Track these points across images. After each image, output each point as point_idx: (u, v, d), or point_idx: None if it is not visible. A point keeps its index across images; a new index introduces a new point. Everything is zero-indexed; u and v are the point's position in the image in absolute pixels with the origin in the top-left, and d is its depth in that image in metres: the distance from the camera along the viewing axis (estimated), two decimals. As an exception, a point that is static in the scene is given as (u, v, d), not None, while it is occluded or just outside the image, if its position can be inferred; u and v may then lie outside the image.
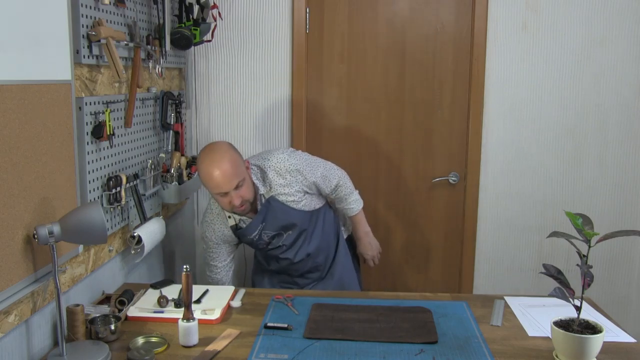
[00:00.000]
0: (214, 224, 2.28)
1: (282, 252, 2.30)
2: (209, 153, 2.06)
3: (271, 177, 2.19)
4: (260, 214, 2.19)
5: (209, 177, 2.02)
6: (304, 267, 2.34)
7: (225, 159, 2.02)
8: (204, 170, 2.04)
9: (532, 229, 3.01)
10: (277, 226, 2.22)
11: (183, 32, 2.38)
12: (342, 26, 2.93)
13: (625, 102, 2.89)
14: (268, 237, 2.24)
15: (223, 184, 2.01)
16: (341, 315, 1.82)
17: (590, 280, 1.51)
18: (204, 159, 2.05)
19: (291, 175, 2.20)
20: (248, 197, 2.10)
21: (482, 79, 2.89)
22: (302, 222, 2.26)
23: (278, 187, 2.19)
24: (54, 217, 1.60)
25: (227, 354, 1.59)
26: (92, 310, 1.78)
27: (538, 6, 2.84)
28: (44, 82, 1.56)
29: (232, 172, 2.01)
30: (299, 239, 2.28)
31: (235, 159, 2.06)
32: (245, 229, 2.22)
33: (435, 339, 1.66)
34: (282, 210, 2.20)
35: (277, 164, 2.20)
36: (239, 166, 2.06)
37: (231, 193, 2.04)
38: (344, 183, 2.38)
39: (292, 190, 2.20)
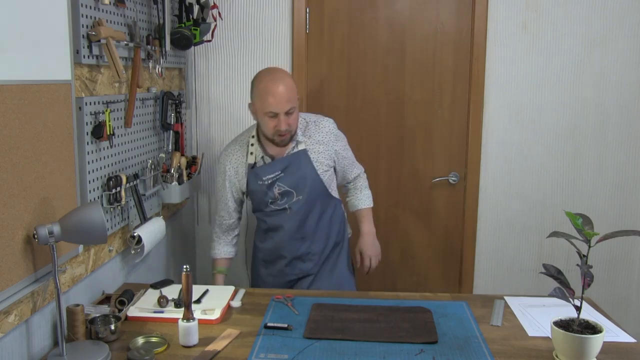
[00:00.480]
0: (233, 154, 2.26)
1: (284, 219, 2.24)
2: (273, 71, 2.13)
3: (312, 130, 2.23)
4: (285, 160, 2.19)
5: (272, 91, 2.04)
6: (298, 249, 2.27)
7: (287, 79, 2.09)
8: (265, 83, 2.06)
9: (532, 229, 3.01)
10: (293, 181, 2.19)
11: (183, 32, 2.38)
12: (342, 26, 2.93)
13: (625, 102, 2.89)
14: (279, 191, 2.20)
15: (281, 102, 2.04)
16: (341, 315, 1.82)
17: (590, 280, 1.51)
18: (266, 75, 2.10)
19: (329, 138, 2.24)
20: (293, 127, 2.12)
21: (482, 79, 2.90)
22: (316, 191, 2.23)
23: (314, 144, 2.22)
24: (54, 217, 1.60)
25: (227, 354, 1.59)
26: (92, 310, 1.78)
27: (538, 6, 2.84)
28: (44, 82, 1.56)
29: (291, 95, 2.06)
30: (305, 210, 2.23)
31: (294, 85, 2.10)
32: (263, 167, 2.20)
33: (435, 339, 1.66)
34: (306, 165, 2.19)
35: (322, 122, 2.26)
36: (295, 93, 2.10)
37: (281, 116, 2.05)
38: (364, 176, 2.45)
39: (324, 153, 2.23)
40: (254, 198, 2.28)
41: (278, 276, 2.34)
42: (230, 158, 2.27)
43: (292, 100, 2.07)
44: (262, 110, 2.08)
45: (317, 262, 2.32)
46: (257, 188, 2.22)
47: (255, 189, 2.23)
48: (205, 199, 3.07)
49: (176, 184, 2.41)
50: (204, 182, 3.04)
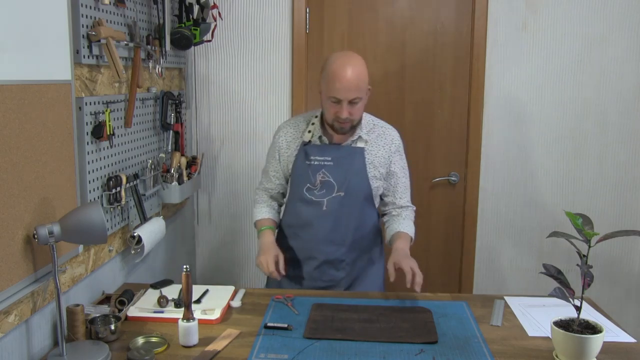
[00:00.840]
0: (290, 127, 2.15)
1: (318, 215, 2.07)
2: (346, 55, 1.99)
3: (377, 133, 2.11)
4: (339, 149, 2.07)
5: (339, 77, 1.92)
6: (332, 253, 2.09)
7: (359, 67, 1.95)
8: (336, 67, 1.94)
9: (532, 229, 3.01)
10: (340, 174, 2.05)
11: (183, 32, 2.38)
12: (342, 26, 2.93)
13: (625, 102, 2.89)
14: (321, 178, 2.05)
15: (346, 89, 1.92)
16: (341, 315, 1.82)
17: (590, 280, 1.51)
18: (339, 58, 1.97)
19: (390, 147, 2.11)
20: (355, 118, 1.99)
21: (482, 79, 2.89)
22: (359, 193, 2.07)
23: (373, 146, 2.09)
24: (54, 217, 1.60)
25: (227, 354, 1.59)
26: (92, 310, 1.78)
27: (538, 6, 2.84)
28: (44, 82, 1.56)
29: (359, 84, 1.93)
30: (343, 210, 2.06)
31: (364, 75, 1.96)
32: (316, 147, 2.07)
33: (435, 339, 1.66)
34: (358, 163, 2.06)
35: (390, 129, 2.14)
36: (364, 83, 1.96)
37: (344, 104, 1.94)
38: (413, 212, 2.22)
39: (381, 159, 2.09)
40: (294, 180, 2.13)
41: (305, 279, 2.16)
42: (286, 130, 2.15)
43: (359, 89, 1.94)
44: (326, 94, 1.97)
45: (350, 273, 2.15)
46: (302, 167, 2.08)
47: (299, 167, 2.09)
48: (206, 199, 3.07)
49: (176, 184, 2.41)
50: (204, 182, 3.04)
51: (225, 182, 3.05)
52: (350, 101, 1.94)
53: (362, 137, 2.08)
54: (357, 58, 1.98)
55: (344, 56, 1.98)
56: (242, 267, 3.14)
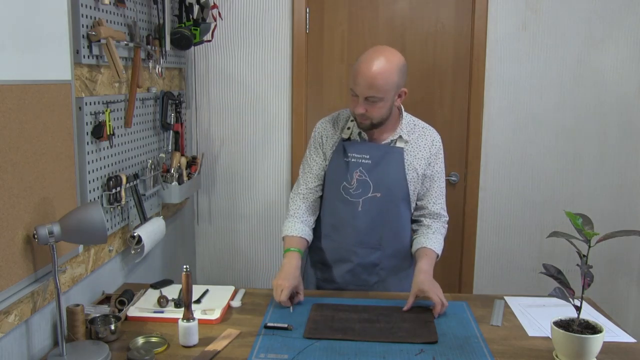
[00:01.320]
0: (329, 123, 2.07)
1: (354, 215, 1.99)
2: (377, 51, 1.87)
3: (417, 134, 2.02)
4: (378, 148, 1.98)
5: (361, 70, 1.83)
6: (368, 256, 2.03)
7: (382, 68, 1.82)
8: (359, 60, 1.86)
9: (532, 229, 3.01)
10: (377, 173, 1.97)
11: (183, 32, 2.38)
12: (342, 26, 2.93)
13: (625, 102, 2.89)
14: (358, 177, 1.97)
15: (363, 85, 1.83)
16: (341, 315, 1.82)
17: (590, 280, 1.51)
18: (370, 52, 1.87)
19: (431, 149, 2.03)
20: (372, 116, 1.89)
21: (482, 79, 2.89)
22: (397, 194, 1.99)
23: (413, 148, 2.01)
24: (54, 217, 1.60)
25: (227, 354, 1.59)
26: (92, 310, 1.78)
27: (538, 6, 2.84)
28: (44, 82, 1.56)
29: (376, 84, 1.82)
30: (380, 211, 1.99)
31: (391, 76, 1.84)
32: (355, 143, 2.00)
33: (435, 339, 1.66)
34: (396, 163, 1.98)
35: (431, 131, 2.06)
36: (388, 84, 1.84)
37: (359, 99, 1.86)
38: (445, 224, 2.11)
39: (420, 161, 2.00)
40: (330, 177, 2.03)
41: (337, 282, 2.08)
42: (325, 126, 2.07)
43: (379, 90, 1.82)
44: (349, 85, 1.90)
45: (383, 278, 2.08)
46: (338, 164, 2.00)
47: (336, 164, 2.01)
48: (206, 199, 3.07)
49: (176, 184, 2.41)
50: (204, 182, 3.04)
51: (225, 182, 3.05)
52: (366, 98, 1.85)
53: (403, 137, 2.00)
54: (389, 56, 1.86)
55: (375, 50, 1.88)
56: (242, 267, 3.14)
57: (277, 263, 3.12)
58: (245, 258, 3.13)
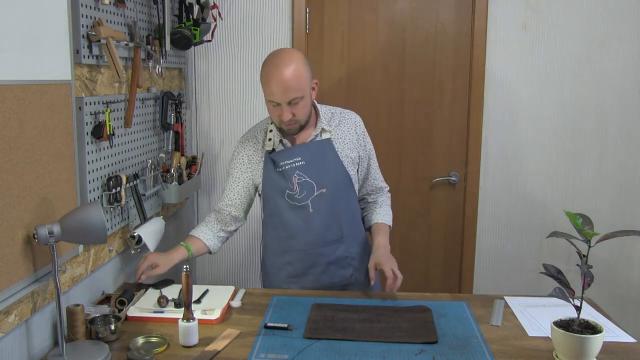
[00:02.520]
0: (248, 142, 2.07)
1: (307, 219, 1.99)
2: (279, 54, 1.90)
3: (337, 121, 2.05)
4: (306, 147, 1.99)
5: (273, 79, 1.84)
6: (333, 253, 2.03)
7: (290, 68, 1.84)
8: (264, 72, 1.88)
9: (532, 229, 3.01)
10: (315, 171, 1.98)
11: (183, 32, 2.38)
12: (342, 26, 2.93)
13: (625, 102, 2.89)
14: (297, 181, 1.97)
15: (282, 91, 1.83)
16: (341, 315, 1.82)
17: (590, 280, 1.51)
18: (272, 58, 1.89)
19: (356, 131, 2.06)
20: (300, 118, 1.91)
21: (482, 79, 2.90)
22: (342, 186, 2.01)
23: (339, 135, 2.03)
24: (54, 217, 1.60)
25: (227, 354, 1.59)
26: (92, 310, 1.78)
27: (538, 6, 2.84)
28: (44, 82, 1.56)
29: (293, 85, 1.83)
30: (332, 206, 2.00)
31: (301, 72, 1.86)
32: (282, 152, 1.99)
33: (435, 339, 1.66)
34: (330, 155, 2.00)
35: (349, 114, 2.09)
36: (303, 81, 1.86)
37: (283, 106, 1.86)
38: (388, 194, 2.22)
39: (350, 145, 2.03)
40: (269, 192, 2.03)
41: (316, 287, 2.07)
42: (245, 145, 2.06)
43: (298, 89, 1.84)
44: (266, 98, 1.90)
45: (358, 268, 2.08)
46: (273, 177, 2.00)
47: (271, 178, 2.00)
48: (205, 199, 3.07)
49: (176, 184, 2.41)
50: (204, 182, 3.04)
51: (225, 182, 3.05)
52: (289, 102, 1.86)
53: (325, 128, 2.01)
54: (290, 55, 1.88)
55: (277, 56, 1.89)
56: (242, 267, 3.14)
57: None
58: (245, 258, 3.13)
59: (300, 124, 1.94)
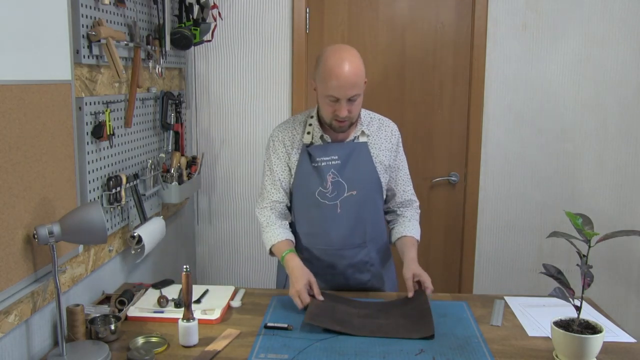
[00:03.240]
0: (286, 131, 2.02)
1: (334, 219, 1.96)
2: (341, 50, 1.86)
3: (376, 127, 2.03)
4: (344, 146, 1.96)
5: (336, 74, 1.79)
6: (355, 256, 2.01)
7: (356, 61, 1.83)
8: (332, 63, 1.81)
9: (532, 229, 3.01)
10: (349, 172, 1.95)
11: (183, 32, 2.38)
12: (342, 26, 2.93)
13: (625, 102, 2.89)
14: (332, 178, 1.94)
15: (345, 87, 1.80)
16: (341, 307, 1.83)
17: (590, 280, 1.51)
18: (334, 53, 1.84)
19: (392, 140, 2.03)
20: (354, 115, 1.89)
21: (482, 79, 2.90)
22: (373, 190, 2.00)
23: (376, 140, 2.01)
24: (54, 217, 1.60)
25: (227, 354, 1.59)
26: (92, 310, 1.78)
27: (538, 6, 2.84)
28: (44, 82, 1.56)
29: (357, 80, 1.82)
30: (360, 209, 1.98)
31: (362, 69, 1.85)
32: (320, 147, 1.96)
33: (432, 333, 1.66)
34: (365, 159, 1.98)
35: (388, 122, 2.06)
36: (362, 78, 1.85)
37: (342, 102, 1.83)
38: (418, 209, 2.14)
39: (386, 153, 2.01)
40: (301, 185, 1.99)
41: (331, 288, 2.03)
42: (283, 135, 2.01)
43: (358, 86, 1.82)
44: (323, 93, 1.85)
45: (375, 275, 2.07)
46: (307, 171, 1.96)
47: (305, 171, 1.96)
48: (205, 199, 3.07)
49: (176, 184, 2.41)
50: (204, 182, 3.04)
51: (225, 182, 3.05)
52: (349, 99, 1.84)
53: (365, 131, 2.00)
54: (352, 52, 1.87)
55: (339, 51, 1.86)
56: (242, 267, 3.14)
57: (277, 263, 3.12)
58: (245, 258, 3.13)
59: (352, 121, 1.91)
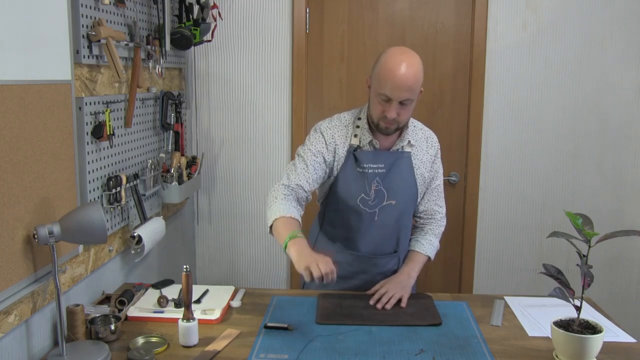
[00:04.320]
0: (336, 128, 1.95)
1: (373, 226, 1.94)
2: (402, 53, 1.81)
3: (419, 137, 2.00)
4: (390, 156, 1.93)
5: (394, 74, 1.76)
6: (386, 264, 2.01)
7: (413, 69, 1.78)
8: (387, 65, 1.78)
9: (532, 229, 3.01)
10: (391, 181, 1.92)
11: (183, 32, 2.38)
12: (342, 26, 2.93)
13: (625, 103, 2.89)
14: (376, 187, 1.91)
15: (399, 89, 1.76)
16: (348, 302, 1.89)
17: (590, 280, 1.51)
18: (397, 55, 1.80)
19: (433, 152, 2.01)
20: (402, 119, 1.85)
21: (482, 79, 2.90)
22: (410, 201, 1.97)
23: (418, 151, 1.98)
24: (54, 217, 1.60)
25: (227, 354, 1.59)
26: (92, 310, 1.78)
27: (538, 6, 2.84)
28: (44, 82, 1.56)
29: (414, 85, 1.78)
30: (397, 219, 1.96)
31: (420, 77, 1.81)
32: (369, 153, 1.92)
33: (439, 321, 1.76)
34: (407, 169, 1.95)
35: (430, 133, 2.04)
36: (418, 85, 1.81)
37: (393, 103, 1.79)
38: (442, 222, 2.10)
39: (426, 164, 1.99)
40: (343, 188, 1.92)
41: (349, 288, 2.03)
42: (332, 131, 1.94)
43: (412, 90, 1.78)
44: (376, 91, 1.81)
45: None
46: (352, 174, 1.91)
47: (349, 175, 1.91)
48: (205, 199, 3.07)
49: (176, 184, 2.41)
50: (204, 182, 3.04)
51: (225, 182, 3.06)
52: (400, 102, 1.80)
53: (411, 141, 1.97)
54: (414, 56, 1.82)
55: (401, 52, 1.82)
56: (242, 267, 3.14)
57: (277, 263, 3.13)
58: (245, 258, 3.13)
59: (399, 125, 1.88)
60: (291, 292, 2.07)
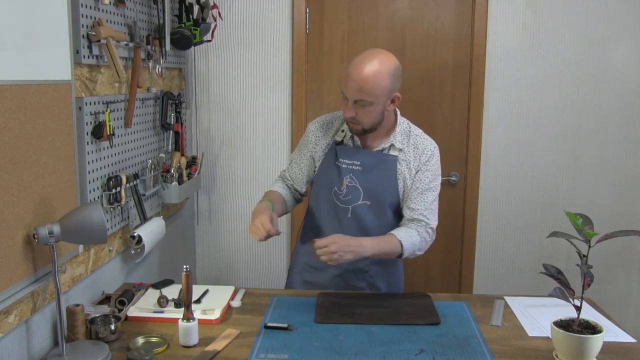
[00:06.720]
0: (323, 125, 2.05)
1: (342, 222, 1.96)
2: (368, 54, 1.83)
3: (411, 143, 1.98)
4: (371, 155, 1.95)
5: (352, 72, 1.80)
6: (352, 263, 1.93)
7: (372, 70, 1.78)
8: (356, 60, 1.83)
9: (532, 229, 3.01)
10: (367, 181, 1.94)
11: (183, 32, 2.38)
12: (342, 26, 2.93)
13: (625, 102, 2.89)
14: (347, 183, 1.94)
15: (352, 88, 1.79)
16: (346, 301, 1.90)
17: (590, 280, 1.51)
18: (359, 56, 1.84)
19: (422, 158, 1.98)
20: (362, 121, 1.85)
21: (482, 79, 2.90)
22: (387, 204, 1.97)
23: (406, 156, 1.96)
24: (54, 217, 1.60)
25: (227, 354, 1.59)
26: (92, 310, 1.78)
27: (538, 6, 2.84)
28: (44, 82, 1.56)
29: (366, 87, 1.77)
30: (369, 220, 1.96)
31: (381, 80, 1.79)
32: (347, 149, 1.97)
33: (438, 320, 1.76)
34: (388, 173, 1.94)
35: (426, 141, 2.01)
36: (379, 88, 1.79)
37: (349, 102, 1.82)
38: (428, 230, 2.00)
39: (412, 170, 1.97)
40: (321, 179, 2.02)
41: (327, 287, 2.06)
42: (317, 128, 2.05)
43: (369, 94, 1.78)
44: (341, 87, 1.86)
45: (372, 285, 2.07)
46: (329, 167, 1.98)
47: (327, 167, 1.99)
48: (205, 199, 3.07)
49: (176, 184, 2.41)
50: (204, 182, 3.04)
51: (225, 182, 3.06)
52: (356, 101, 1.81)
53: (396, 145, 1.96)
54: (384, 60, 1.81)
55: (370, 54, 1.83)
56: (242, 267, 3.14)
57: (277, 263, 3.13)
58: (245, 258, 3.13)
59: (362, 127, 1.88)
60: (291, 292, 2.07)
